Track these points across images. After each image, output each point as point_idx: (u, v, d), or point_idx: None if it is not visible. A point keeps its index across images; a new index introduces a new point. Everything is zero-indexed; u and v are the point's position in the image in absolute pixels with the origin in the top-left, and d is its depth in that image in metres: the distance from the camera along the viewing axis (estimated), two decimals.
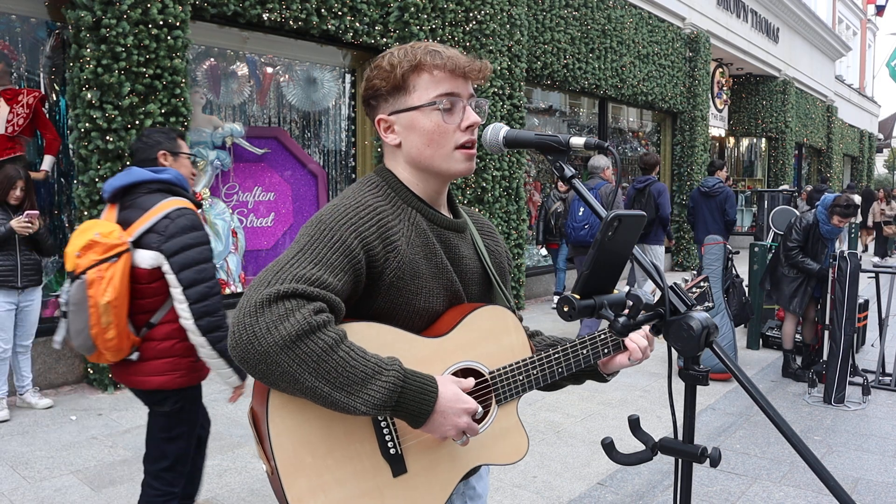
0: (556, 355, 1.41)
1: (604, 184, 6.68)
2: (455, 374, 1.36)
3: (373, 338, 1.26)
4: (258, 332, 1.12)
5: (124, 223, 2.44)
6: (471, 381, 1.31)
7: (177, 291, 2.36)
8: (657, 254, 7.51)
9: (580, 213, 6.52)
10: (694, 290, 1.61)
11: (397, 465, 1.29)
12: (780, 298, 5.81)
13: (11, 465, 3.82)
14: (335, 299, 1.21)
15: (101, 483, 3.60)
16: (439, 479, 1.33)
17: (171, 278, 2.36)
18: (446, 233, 1.41)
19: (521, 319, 1.53)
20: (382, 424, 1.28)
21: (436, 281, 1.35)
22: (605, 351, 1.44)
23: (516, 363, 1.40)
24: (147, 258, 2.38)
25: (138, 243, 2.39)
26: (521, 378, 1.39)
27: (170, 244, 2.36)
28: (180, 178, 2.56)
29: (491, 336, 1.39)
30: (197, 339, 2.37)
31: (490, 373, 1.38)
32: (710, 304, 1.61)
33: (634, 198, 7.33)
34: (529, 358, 1.41)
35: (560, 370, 1.41)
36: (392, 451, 1.29)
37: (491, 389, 1.39)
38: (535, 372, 1.39)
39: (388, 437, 1.29)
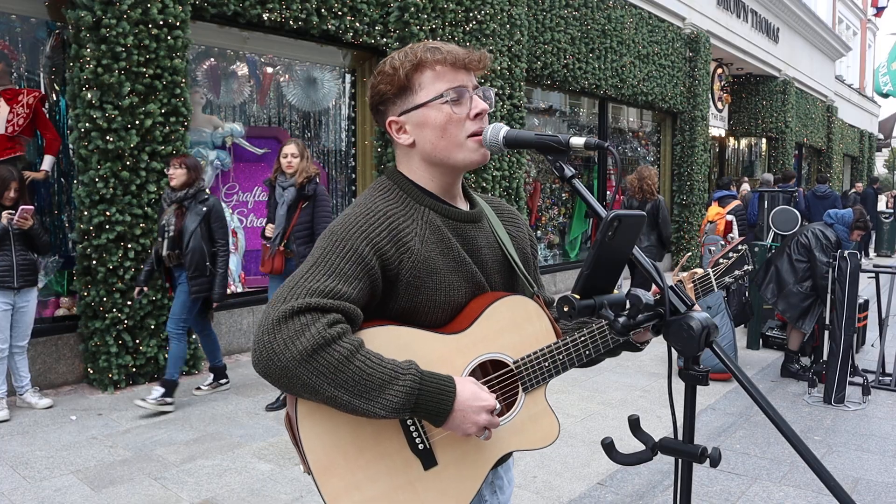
0: (583, 338, 1.41)
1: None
2: (478, 366, 1.38)
3: (391, 340, 1.29)
4: (276, 349, 1.18)
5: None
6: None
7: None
8: None
9: (752, 212, 9.54)
10: (731, 254, 1.62)
11: (427, 459, 1.33)
12: (788, 312, 5.67)
13: (11, 465, 3.82)
14: (350, 308, 1.25)
15: (101, 483, 3.60)
16: (470, 469, 1.36)
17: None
18: (462, 225, 1.43)
19: (551, 303, 1.55)
20: (409, 422, 1.32)
21: (455, 274, 1.38)
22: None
23: (541, 350, 1.41)
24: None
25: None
26: (546, 364, 1.41)
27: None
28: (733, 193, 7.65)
29: (512, 326, 1.41)
30: None
31: (514, 362, 1.40)
32: (749, 267, 1.61)
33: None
34: (554, 343, 1.42)
35: (588, 352, 1.41)
36: (420, 446, 1.32)
37: (517, 378, 1.41)
38: (561, 357, 1.41)
39: (415, 434, 1.32)
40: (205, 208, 4.77)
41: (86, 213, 5.03)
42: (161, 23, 5.21)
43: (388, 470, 1.31)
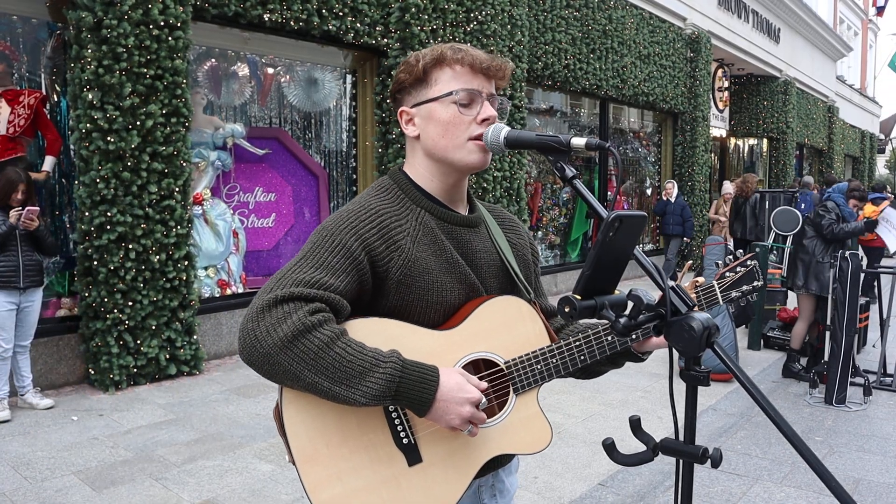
0: (578, 343, 1.40)
1: (812, 194, 11.14)
2: (468, 364, 1.37)
3: (378, 332, 1.29)
4: (259, 336, 1.20)
5: None
6: (483, 384, 1.32)
7: None
8: None
9: (801, 207, 10.11)
10: (738, 269, 1.59)
11: (412, 455, 1.31)
12: (823, 289, 5.57)
13: (13, 465, 3.83)
14: (335, 298, 1.25)
15: (103, 484, 3.61)
16: (456, 469, 1.34)
17: None
18: (457, 229, 1.42)
19: (552, 313, 1.54)
20: (393, 415, 1.31)
21: (448, 276, 1.37)
22: (633, 336, 1.41)
23: (533, 352, 1.39)
24: None
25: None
26: (538, 367, 1.39)
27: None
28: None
29: (504, 326, 1.39)
30: None
31: (505, 363, 1.39)
32: (759, 283, 1.57)
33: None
34: (548, 346, 1.40)
35: (583, 357, 1.40)
36: (405, 440, 1.31)
37: (507, 379, 1.39)
38: (554, 360, 1.39)
39: (399, 428, 1.31)
40: None
41: (87, 213, 5.03)
42: (162, 23, 5.21)
43: (371, 462, 1.29)
